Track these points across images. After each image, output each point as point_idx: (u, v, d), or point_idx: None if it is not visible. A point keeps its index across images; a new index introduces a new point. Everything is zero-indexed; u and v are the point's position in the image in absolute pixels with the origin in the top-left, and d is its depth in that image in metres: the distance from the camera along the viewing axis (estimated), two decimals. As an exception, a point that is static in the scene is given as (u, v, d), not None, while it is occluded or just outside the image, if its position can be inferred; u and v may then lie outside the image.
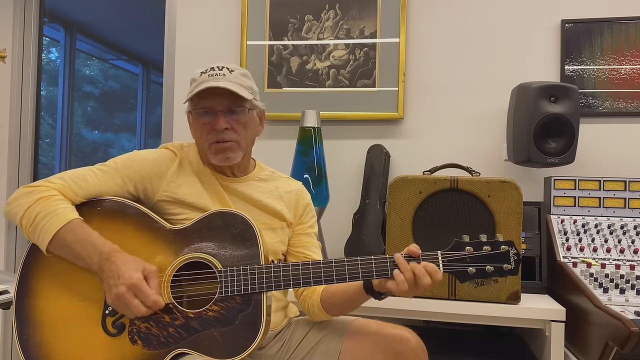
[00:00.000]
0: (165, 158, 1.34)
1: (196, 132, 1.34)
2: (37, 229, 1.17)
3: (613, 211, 1.87)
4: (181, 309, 1.17)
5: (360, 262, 1.18)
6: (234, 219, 1.22)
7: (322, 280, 1.18)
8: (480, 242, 1.16)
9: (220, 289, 1.17)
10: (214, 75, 1.29)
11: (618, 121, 2.13)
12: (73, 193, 1.23)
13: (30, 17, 2.74)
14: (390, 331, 1.28)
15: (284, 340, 1.39)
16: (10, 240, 2.71)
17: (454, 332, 2.01)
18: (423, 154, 2.24)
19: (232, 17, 2.43)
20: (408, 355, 1.24)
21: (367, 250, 2.06)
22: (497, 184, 1.64)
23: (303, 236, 1.44)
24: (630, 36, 2.11)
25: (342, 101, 2.30)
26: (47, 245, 1.17)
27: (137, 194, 1.30)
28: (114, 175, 1.28)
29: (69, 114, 3.47)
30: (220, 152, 1.30)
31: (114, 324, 1.17)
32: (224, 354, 1.13)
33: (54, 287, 1.21)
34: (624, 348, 1.31)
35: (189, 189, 1.31)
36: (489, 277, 1.15)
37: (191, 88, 1.32)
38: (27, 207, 1.18)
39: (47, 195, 1.20)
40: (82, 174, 1.27)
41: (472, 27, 2.25)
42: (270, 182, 1.43)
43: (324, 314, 1.35)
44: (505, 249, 1.15)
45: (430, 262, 1.15)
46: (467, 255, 1.15)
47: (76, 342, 1.17)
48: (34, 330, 1.20)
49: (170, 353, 1.15)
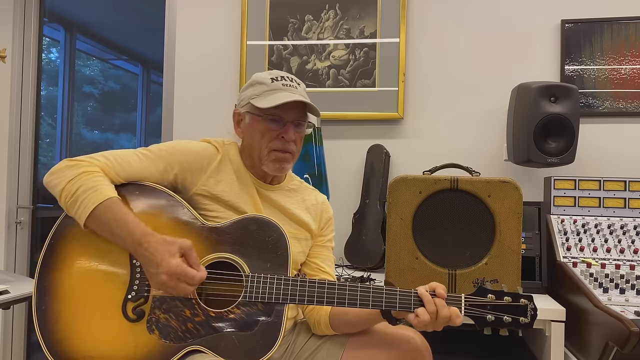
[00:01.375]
0: (208, 152, 1.33)
1: (255, 134, 1.33)
2: (77, 203, 1.17)
3: (613, 211, 1.87)
4: (203, 306, 1.17)
5: (385, 292, 1.18)
6: (268, 226, 1.23)
7: (345, 303, 1.19)
8: (502, 292, 1.18)
9: (245, 293, 1.17)
10: (288, 87, 1.32)
11: (618, 121, 2.13)
12: (115, 173, 1.24)
13: (30, 17, 2.74)
14: (395, 331, 1.28)
15: (289, 342, 1.39)
16: (10, 240, 2.71)
17: (454, 332, 2.01)
18: (423, 154, 2.25)
19: (232, 17, 2.43)
20: (413, 354, 1.25)
21: (367, 250, 2.06)
22: (497, 184, 1.64)
23: (321, 248, 1.45)
24: (630, 36, 2.11)
25: (342, 101, 2.30)
26: (85, 220, 1.17)
27: (176, 183, 1.30)
28: (157, 161, 1.28)
29: (69, 114, 3.47)
30: (279, 161, 1.32)
31: (135, 309, 1.17)
32: (239, 358, 1.13)
33: (81, 262, 1.20)
34: (624, 348, 1.31)
35: (227, 186, 1.31)
36: (505, 327, 1.17)
37: (260, 92, 1.32)
38: (69, 180, 1.18)
39: (90, 170, 1.20)
40: (126, 155, 1.27)
41: (472, 27, 2.25)
42: (299, 193, 1.44)
43: (329, 329, 1.34)
44: (525, 303, 1.17)
45: (454, 305, 1.16)
46: (488, 303, 1.17)
47: (93, 322, 1.17)
48: (53, 301, 1.18)
49: (184, 348, 1.14)
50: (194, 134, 2.27)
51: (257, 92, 1.32)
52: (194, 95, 2.46)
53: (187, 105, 2.47)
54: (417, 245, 1.69)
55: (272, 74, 1.35)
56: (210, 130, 1.44)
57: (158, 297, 1.18)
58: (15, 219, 2.72)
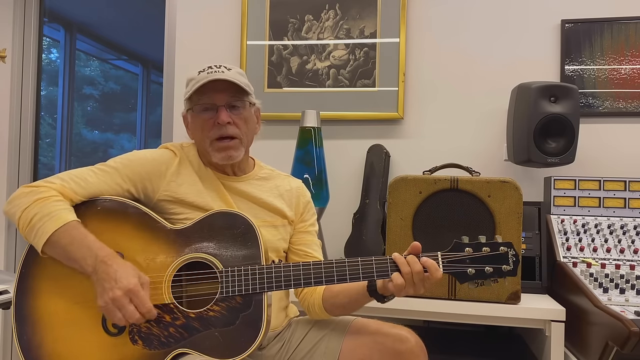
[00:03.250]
0: (165, 157, 1.33)
1: (196, 130, 1.33)
2: (34, 230, 1.16)
3: (613, 211, 1.87)
4: (182, 309, 1.17)
5: (360, 263, 1.18)
6: (235, 219, 1.22)
7: (323, 281, 1.19)
8: (480, 244, 1.17)
9: (221, 289, 1.17)
10: (212, 73, 1.29)
11: (618, 121, 2.13)
12: (73, 192, 1.23)
13: (30, 17, 2.74)
14: (390, 331, 1.28)
15: (284, 340, 1.39)
16: (10, 240, 2.71)
17: (454, 332, 2.01)
18: (423, 154, 2.24)
19: (232, 17, 2.43)
20: (408, 355, 1.25)
21: (367, 250, 2.06)
22: (497, 184, 1.64)
23: (304, 234, 1.45)
24: (630, 36, 2.11)
25: (342, 101, 2.30)
26: (42, 247, 1.16)
27: (138, 193, 1.30)
28: (113, 174, 1.28)
29: (69, 114, 3.47)
30: (223, 150, 1.30)
31: (115, 323, 1.17)
32: (225, 354, 1.13)
33: (54, 286, 1.20)
34: (624, 348, 1.31)
35: (189, 188, 1.31)
36: (488, 278, 1.15)
37: (190, 86, 1.31)
38: (25, 208, 1.18)
39: (46, 196, 1.19)
40: (82, 173, 1.27)
41: (472, 27, 2.25)
42: (271, 181, 1.43)
43: (324, 313, 1.35)
44: (504, 250, 1.16)
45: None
46: (466, 257, 1.15)
47: (77, 342, 1.17)
48: (33, 330, 1.19)
49: (170, 353, 1.15)
50: (194, 134, 2.27)
51: (188, 89, 1.32)
52: (194, 95, 2.46)
53: (187, 105, 2.47)
54: (417, 245, 1.68)
55: (202, 67, 1.32)
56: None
57: None
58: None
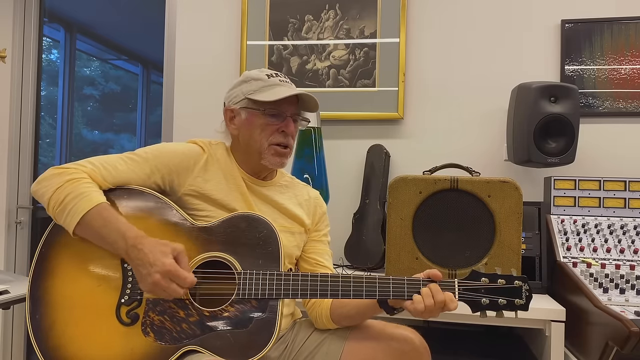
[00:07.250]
0: (194, 152, 1.34)
1: (254, 128, 1.33)
2: (65, 210, 1.16)
3: (613, 211, 1.87)
4: (197, 306, 1.17)
5: (377, 282, 1.18)
6: (257, 223, 1.23)
7: (339, 294, 1.19)
8: (496, 275, 1.17)
9: (238, 290, 1.18)
10: (284, 82, 1.34)
11: (618, 121, 2.13)
12: (102, 178, 1.23)
13: (30, 17, 2.74)
14: (393, 331, 1.29)
15: (288, 342, 1.39)
16: (10, 240, 2.71)
17: (454, 332, 2.01)
18: (423, 154, 2.24)
19: (232, 17, 2.43)
20: (411, 355, 1.25)
21: (367, 250, 2.06)
22: (497, 184, 1.64)
23: (317, 243, 1.46)
24: (630, 36, 2.11)
25: (342, 101, 2.30)
26: (74, 227, 1.16)
27: (164, 185, 1.30)
28: (143, 165, 1.28)
29: (69, 114, 3.47)
30: (279, 155, 1.34)
31: (129, 313, 1.17)
32: (235, 356, 1.13)
33: (73, 269, 1.20)
34: (624, 348, 1.31)
35: (215, 185, 1.32)
36: (500, 309, 1.16)
37: (260, 87, 1.33)
38: (57, 188, 1.18)
39: (77, 177, 1.19)
40: (112, 160, 1.27)
41: (472, 27, 2.25)
42: (291, 189, 1.45)
43: (331, 323, 1.35)
44: (519, 284, 1.16)
45: (447, 290, 1.16)
46: (482, 286, 1.16)
47: (88, 328, 1.17)
48: (47, 311, 1.18)
49: (180, 349, 1.15)
50: (193, 134, 2.26)
51: (254, 88, 1.33)
52: (194, 96, 2.46)
53: (187, 106, 2.47)
54: (417, 245, 1.69)
55: (264, 71, 1.37)
56: (211, 130, 1.44)
57: (151, 300, 1.18)
58: (15, 219, 2.72)
